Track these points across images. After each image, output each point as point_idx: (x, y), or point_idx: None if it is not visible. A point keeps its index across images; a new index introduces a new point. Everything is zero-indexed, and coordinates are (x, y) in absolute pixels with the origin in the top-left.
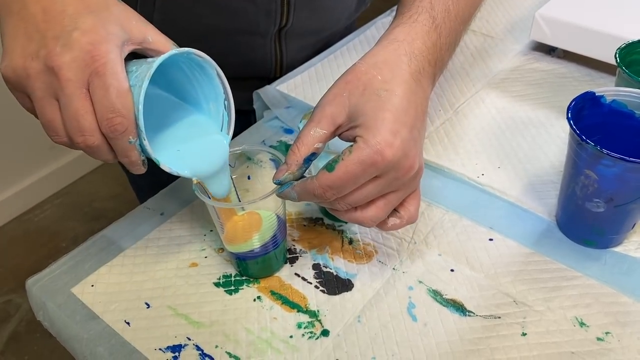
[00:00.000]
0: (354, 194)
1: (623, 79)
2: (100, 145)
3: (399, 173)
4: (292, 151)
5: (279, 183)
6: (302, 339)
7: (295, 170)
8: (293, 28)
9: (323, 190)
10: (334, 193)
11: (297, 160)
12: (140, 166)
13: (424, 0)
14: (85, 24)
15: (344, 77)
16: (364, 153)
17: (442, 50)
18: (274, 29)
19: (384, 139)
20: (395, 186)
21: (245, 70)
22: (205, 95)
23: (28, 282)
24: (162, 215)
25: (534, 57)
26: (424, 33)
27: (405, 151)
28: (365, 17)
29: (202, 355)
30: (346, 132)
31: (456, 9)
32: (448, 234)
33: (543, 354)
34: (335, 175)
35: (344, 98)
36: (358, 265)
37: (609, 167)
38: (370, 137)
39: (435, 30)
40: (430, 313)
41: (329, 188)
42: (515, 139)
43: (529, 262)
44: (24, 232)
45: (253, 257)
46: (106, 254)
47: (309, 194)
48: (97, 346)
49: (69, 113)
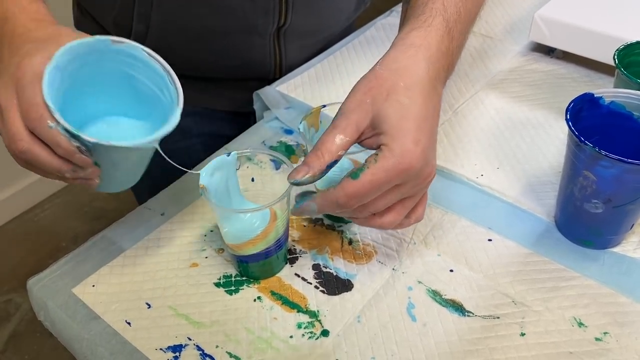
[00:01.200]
0: (375, 202)
1: (622, 81)
2: (31, 147)
3: (419, 180)
4: (317, 156)
5: (296, 183)
6: (302, 339)
7: (318, 175)
8: (292, 27)
9: (347, 199)
10: (357, 201)
11: (321, 167)
12: (78, 153)
13: (437, 2)
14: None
15: (365, 82)
16: (390, 162)
17: (453, 54)
18: (272, 28)
19: (409, 149)
20: (413, 192)
21: (245, 71)
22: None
23: (29, 282)
24: (163, 215)
25: (533, 58)
26: (439, 38)
27: (427, 159)
28: (365, 17)
29: (203, 355)
30: (368, 140)
31: (465, 10)
32: (447, 234)
33: (541, 354)
34: (360, 183)
35: (368, 105)
36: (358, 266)
37: (608, 168)
38: (396, 147)
39: (449, 34)
40: (429, 313)
41: (353, 197)
42: (514, 140)
43: (527, 263)
44: (25, 232)
45: (255, 259)
46: (107, 254)
47: (331, 204)
48: (97, 346)
49: (4, 127)
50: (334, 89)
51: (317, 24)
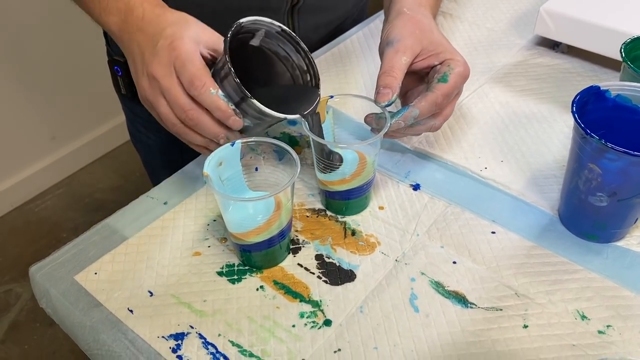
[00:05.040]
0: (449, 107)
1: (628, 74)
2: (198, 115)
3: None
4: (392, 77)
5: (389, 104)
6: (305, 328)
7: (398, 91)
8: (305, 4)
9: (443, 98)
10: (445, 99)
11: (398, 83)
12: (234, 115)
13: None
14: (167, 32)
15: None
16: (461, 68)
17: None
18: (286, 6)
19: (464, 59)
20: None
21: None
22: None
23: (31, 269)
24: (166, 204)
25: (538, 52)
26: None
27: None
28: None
29: (205, 344)
30: (423, 61)
31: None
32: (451, 226)
33: (544, 346)
34: (449, 85)
35: (418, 34)
36: (361, 257)
37: (613, 161)
38: (459, 58)
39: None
40: (432, 304)
41: (445, 96)
42: (519, 134)
43: (531, 255)
44: (25, 222)
45: (258, 249)
46: (110, 242)
47: (430, 105)
48: (100, 333)
49: (170, 99)
50: (337, 81)
51: (330, 1)
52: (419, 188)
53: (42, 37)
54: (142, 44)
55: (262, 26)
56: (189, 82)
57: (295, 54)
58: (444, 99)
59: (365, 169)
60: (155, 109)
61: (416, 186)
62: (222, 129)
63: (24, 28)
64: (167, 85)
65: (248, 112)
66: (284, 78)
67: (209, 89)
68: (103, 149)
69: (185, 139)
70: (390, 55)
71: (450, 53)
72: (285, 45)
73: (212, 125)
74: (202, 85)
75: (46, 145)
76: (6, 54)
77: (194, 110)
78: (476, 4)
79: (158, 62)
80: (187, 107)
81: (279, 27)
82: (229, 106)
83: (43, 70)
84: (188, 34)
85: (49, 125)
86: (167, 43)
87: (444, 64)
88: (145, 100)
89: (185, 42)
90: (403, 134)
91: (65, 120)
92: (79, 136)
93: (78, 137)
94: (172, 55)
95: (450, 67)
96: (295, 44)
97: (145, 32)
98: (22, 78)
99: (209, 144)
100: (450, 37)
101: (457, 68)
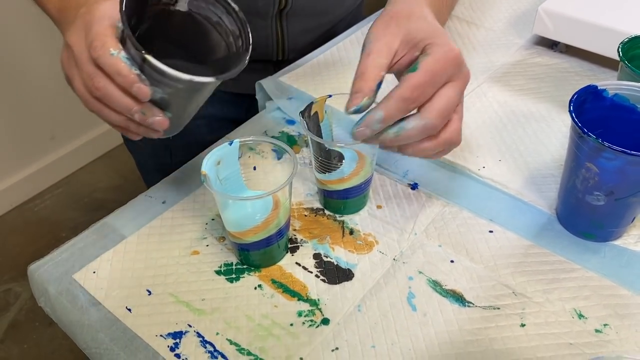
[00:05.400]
0: (439, 99)
1: (625, 73)
2: (106, 84)
3: (465, 76)
4: (364, 80)
5: (357, 110)
6: (303, 327)
7: (372, 96)
8: (294, 9)
9: (411, 91)
10: (420, 93)
11: (372, 88)
12: (137, 81)
13: None
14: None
15: (383, 15)
16: (440, 52)
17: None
18: (273, 10)
19: (449, 43)
20: (461, 88)
21: None
22: None
23: (30, 268)
24: (164, 203)
25: (536, 51)
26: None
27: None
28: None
29: (203, 342)
30: (404, 58)
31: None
32: (449, 225)
33: (541, 344)
34: (419, 73)
35: (394, 27)
36: (359, 256)
37: (610, 160)
38: (440, 42)
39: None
40: (429, 303)
41: (415, 88)
42: (517, 133)
43: (528, 254)
44: (24, 222)
45: (256, 247)
46: (108, 241)
47: (397, 102)
48: (98, 332)
49: (80, 69)
50: (336, 80)
51: (321, 7)
52: (417, 187)
53: (41, 36)
54: (71, 18)
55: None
56: (90, 44)
57: (227, 16)
58: (413, 91)
59: (364, 168)
60: (71, 83)
61: (414, 185)
62: (133, 102)
63: (23, 27)
64: (77, 51)
65: (154, 77)
66: (220, 48)
67: (109, 49)
68: (102, 149)
69: (102, 117)
70: (363, 60)
71: (431, 37)
72: (215, 7)
73: (120, 96)
74: (101, 45)
75: (45, 145)
76: (5, 53)
77: (99, 76)
78: (475, 3)
79: (74, 30)
80: (92, 74)
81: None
82: (132, 70)
83: (42, 70)
84: (108, 3)
85: (48, 124)
86: (84, 11)
87: (423, 52)
88: (65, 75)
89: (101, 6)
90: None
91: (64, 119)
92: (79, 135)
93: (77, 136)
94: (85, 19)
95: (425, 54)
96: (225, 4)
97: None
98: (22, 78)
99: (127, 124)
100: (449, 37)
101: (435, 53)
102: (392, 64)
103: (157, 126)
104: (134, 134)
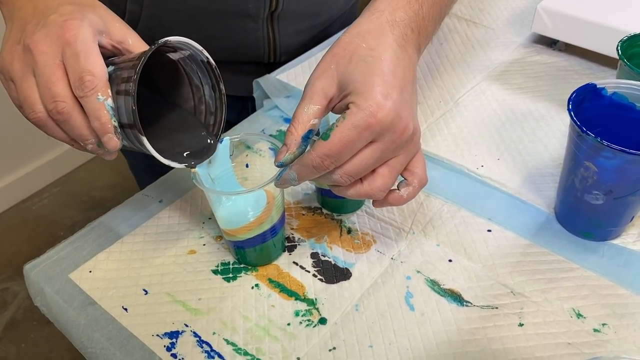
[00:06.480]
0: (353, 162)
1: (624, 72)
2: (71, 111)
3: (395, 135)
4: (290, 132)
5: (281, 165)
6: (300, 326)
7: (295, 150)
8: (285, 11)
9: (321, 160)
10: (332, 161)
11: (296, 140)
12: (111, 133)
13: None
14: (65, 9)
15: (330, 51)
16: (358, 117)
17: (425, 20)
18: (264, 12)
19: (376, 102)
20: (395, 151)
21: (239, 54)
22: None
23: (26, 267)
24: (161, 202)
25: (535, 49)
26: (404, 3)
27: (398, 112)
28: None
29: (200, 342)
30: (339, 104)
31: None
32: (447, 224)
33: (540, 344)
34: (331, 142)
35: (332, 70)
36: (356, 255)
37: (609, 159)
38: (362, 102)
39: (417, 1)
40: (427, 303)
41: (326, 156)
42: (515, 131)
43: (527, 254)
44: (22, 220)
45: (251, 245)
46: (104, 240)
47: (307, 168)
48: (94, 332)
49: (42, 82)
50: None
51: (312, 9)
52: None
53: None
54: (29, 13)
55: (190, 49)
56: (79, 78)
57: (210, 90)
58: (322, 160)
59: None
60: (16, 84)
61: None
62: (93, 136)
63: None
64: (43, 64)
65: (130, 140)
66: (186, 104)
67: (98, 93)
68: None
69: (44, 131)
70: (299, 105)
71: (355, 94)
72: (204, 76)
73: (83, 128)
74: (92, 88)
75: (43, 143)
76: None
77: (68, 104)
78: (474, 1)
79: (44, 36)
80: (60, 97)
81: (206, 58)
82: (112, 121)
83: None
84: (90, 18)
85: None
86: (62, 20)
87: (347, 108)
88: (4, 69)
89: (84, 27)
90: None
91: None
92: None
93: None
94: (63, 36)
95: (342, 117)
96: (215, 82)
97: (39, 2)
98: None
99: (71, 142)
100: (448, 35)
101: (351, 117)
102: (329, 108)
103: (108, 158)
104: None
